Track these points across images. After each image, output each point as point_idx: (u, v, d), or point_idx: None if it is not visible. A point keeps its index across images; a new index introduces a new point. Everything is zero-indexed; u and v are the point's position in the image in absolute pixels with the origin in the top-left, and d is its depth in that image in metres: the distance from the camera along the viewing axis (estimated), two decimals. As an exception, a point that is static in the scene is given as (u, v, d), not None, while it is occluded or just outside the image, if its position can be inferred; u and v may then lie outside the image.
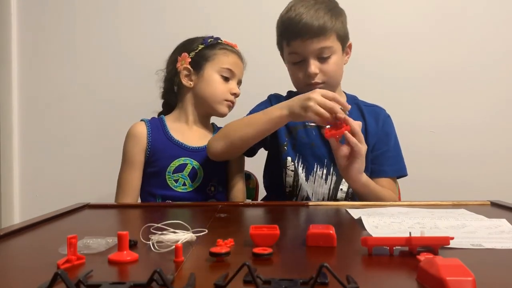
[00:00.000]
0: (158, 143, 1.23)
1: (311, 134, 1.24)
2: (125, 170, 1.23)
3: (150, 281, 0.45)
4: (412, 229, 0.73)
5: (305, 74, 1.19)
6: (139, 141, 1.23)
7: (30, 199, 1.94)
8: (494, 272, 0.53)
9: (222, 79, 1.27)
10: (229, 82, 1.28)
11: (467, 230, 0.73)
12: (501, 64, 1.84)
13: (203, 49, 1.28)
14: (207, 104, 1.28)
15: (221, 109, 1.28)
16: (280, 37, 1.24)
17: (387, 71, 1.83)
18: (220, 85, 1.27)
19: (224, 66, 1.27)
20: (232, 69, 1.28)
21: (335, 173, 1.21)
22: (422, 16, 1.85)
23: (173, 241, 0.62)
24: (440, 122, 1.84)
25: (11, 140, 1.93)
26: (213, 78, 1.27)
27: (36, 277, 0.50)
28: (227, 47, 1.30)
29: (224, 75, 1.27)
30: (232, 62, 1.28)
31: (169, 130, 1.26)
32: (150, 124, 1.27)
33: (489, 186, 1.78)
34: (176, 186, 1.22)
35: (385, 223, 0.78)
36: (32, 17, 1.93)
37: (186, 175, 1.22)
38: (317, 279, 0.44)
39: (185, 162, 1.23)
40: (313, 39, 1.15)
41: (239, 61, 1.31)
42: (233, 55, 1.29)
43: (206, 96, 1.27)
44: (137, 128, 1.25)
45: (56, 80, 1.93)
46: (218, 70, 1.27)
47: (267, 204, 1.08)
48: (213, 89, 1.26)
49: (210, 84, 1.27)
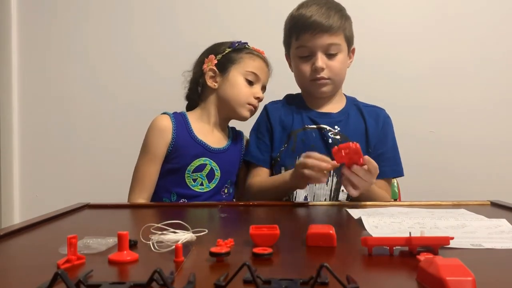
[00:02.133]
0: (182, 140, 1.23)
1: (311, 136, 1.24)
2: (145, 162, 1.22)
3: (150, 281, 0.45)
4: (412, 229, 0.73)
5: (312, 68, 1.22)
6: (164, 135, 1.22)
7: (30, 199, 1.94)
8: (494, 272, 0.53)
9: (246, 83, 1.27)
10: (253, 86, 1.28)
11: (467, 230, 0.73)
12: (501, 64, 1.84)
13: (230, 52, 1.28)
14: (229, 106, 1.27)
15: (243, 112, 1.28)
16: (289, 32, 1.26)
17: (387, 71, 1.83)
18: (244, 88, 1.27)
19: (249, 69, 1.27)
20: (257, 73, 1.27)
21: (336, 174, 1.21)
22: (422, 15, 1.85)
23: (173, 241, 0.62)
24: (440, 122, 1.84)
25: (11, 140, 1.92)
26: (238, 81, 1.26)
27: (36, 277, 0.50)
28: (253, 52, 1.30)
29: (249, 78, 1.27)
30: (257, 66, 1.28)
31: (193, 129, 1.26)
32: (175, 119, 1.25)
33: (489, 186, 1.78)
34: (194, 186, 1.22)
35: (385, 223, 0.78)
36: (32, 17, 1.93)
37: (204, 176, 1.23)
38: (317, 279, 0.44)
39: (205, 162, 1.23)
40: (323, 34, 1.19)
41: (265, 66, 1.31)
42: (259, 60, 1.29)
43: (229, 98, 1.27)
44: (163, 121, 1.24)
45: (56, 80, 1.93)
46: (243, 73, 1.27)
47: (267, 204, 1.08)
48: (236, 92, 1.26)
49: (234, 87, 1.26)
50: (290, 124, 1.27)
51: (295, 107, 1.31)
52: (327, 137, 1.23)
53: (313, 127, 1.25)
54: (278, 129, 1.29)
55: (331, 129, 1.24)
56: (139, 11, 1.91)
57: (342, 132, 1.24)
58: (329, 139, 1.23)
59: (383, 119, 1.29)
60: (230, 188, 1.29)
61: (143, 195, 1.21)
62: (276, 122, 1.29)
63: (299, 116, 1.28)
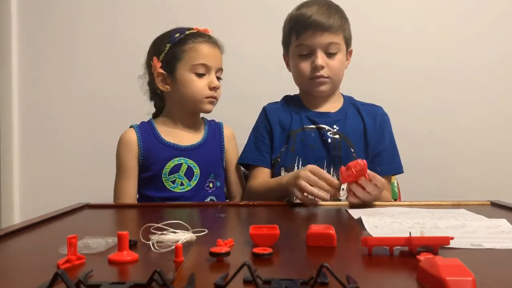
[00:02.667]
0: (150, 147, 1.22)
1: (310, 136, 1.25)
2: (120, 178, 1.22)
3: (150, 281, 0.45)
4: (412, 229, 0.73)
5: (312, 66, 1.22)
6: (131, 148, 1.21)
7: (30, 199, 1.93)
8: (494, 272, 0.53)
9: (197, 77, 1.20)
10: (205, 77, 1.21)
11: (467, 230, 0.73)
12: (501, 64, 1.84)
13: (171, 48, 1.22)
14: (189, 105, 1.24)
15: (204, 108, 1.24)
16: (289, 31, 1.26)
17: (387, 71, 1.83)
18: (195, 84, 1.20)
19: (195, 62, 1.19)
20: (205, 63, 1.20)
21: (335, 174, 1.21)
22: (422, 16, 1.85)
23: (173, 241, 0.62)
24: (440, 122, 1.84)
25: (11, 140, 1.92)
26: (187, 79, 1.20)
27: (36, 277, 0.50)
28: (195, 39, 1.21)
29: (198, 72, 1.20)
30: (204, 54, 1.20)
31: (159, 133, 1.24)
32: (140, 130, 1.24)
33: (489, 186, 1.78)
34: (173, 187, 1.20)
35: (385, 223, 0.78)
36: (32, 17, 1.93)
37: (182, 175, 1.21)
38: (317, 279, 0.44)
39: (180, 162, 1.21)
40: (324, 33, 1.20)
41: (213, 48, 1.22)
42: (203, 45, 1.21)
43: (185, 98, 1.22)
44: (127, 135, 1.23)
45: (56, 80, 1.93)
46: (190, 69, 1.20)
47: (267, 204, 1.08)
48: (190, 90, 1.21)
49: (186, 86, 1.21)
50: (289, 124, 1.27)
51: (293, 107, 1.31)
52: (326, 136, 1.23)
53: (312, 127, 1.25)
54: (277, 130, 1.28)
55: (330, 129, 1.24)
56: (139, 11, 1.91)
57: (340, 131, 1.24)
58: (328, 139, 1.23)
59: (381, 117, 1.30)
60: (216, 182, 1.26)
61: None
62: (276, 123, 1.29)
63: (298, 116, 1.28)
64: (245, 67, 1.79)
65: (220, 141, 1.30)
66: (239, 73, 1.71)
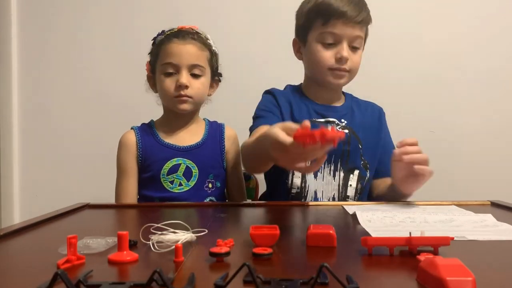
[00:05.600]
0: (148, 148, 1.23)
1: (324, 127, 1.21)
2: (119, 179, 1.23)
3: (150, 281, 0.45)
4: (403, 223, 0.77)
5: (336, 57, 1.17)
6: (130, 149, 1.23)
7: (30, 199, 1.93)
8: (494, 272, 0.53)
9: (165, 76, 1.19)
10: (174, 75, 1.19)
11: (454, 224, 0.76)
12: (501, 64, 1.84)
13: (153, 50, 1.24)
14: (167, 106, 1.24)
15: (176, 107, 1.21)
16: (314, 16, 1.19)
17: (387, 71, 1.83)
18: (163, 84, 1.20)
19: (163, 62, 1.19)
20: (171, 61, 1.18)
21: (342, 168, 1.20)
22: (423, 16, 1.85)
23: (173, 241, 0.62)
24: (440, 122, 1.84)
25: (11, 140, 1.92)
26: (160, 79, 1.21)
27: (36, 277, 0.50)
28: (169, 39, 1.20)
29: (167, 71, 1.19)
30: (170, 53, 1.18)
31: (158, 134, 1.25)
32: (139, 131, 1.25)
33: (489, 186, 1.77)
34: (172, 188, 1.20)
35: (378, 217, 0.82)
36: (32, 17, 1.93)
37: (181, 175, 1.21)
38: (317, 279, 0.44)
39: (178, 162, 1.21)
40: (355, 25, 1.16)
41: (182, 46, 1.18)
42: (172, 45, 1.18)
43: (161, 98, 1.25)
44: (126, 137, 1.25)
45: (56, 80, 1.93)
46: (161, 69, 1.20)
47: (267, 204, 1.08)
48: (162, 91, 1.21)
49: (159, 86, 1.23)
50: (298, 114, 1.22)
51: (298, 98, 1.27)
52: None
53: (320, 121, 1.22)
54: (287, 112, 1.22)
55: (338, 123, 1.22)
56: (140, 10, 1.91)
57: (348, 125, 1.22)
58: None
59: (378, 113, 1.31)
60: (216, 182, 1.25)
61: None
62: (286, 105, 1.23)
63: (305, 108, 1.24)
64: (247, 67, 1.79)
65: (221, 142, 1.29)
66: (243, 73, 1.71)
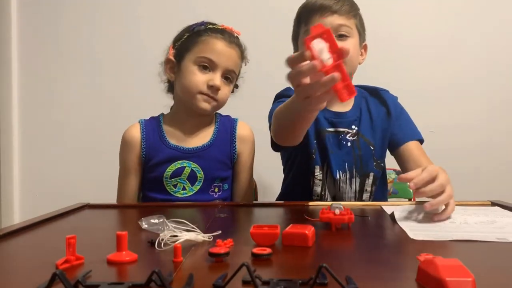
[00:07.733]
0: (153, 147, 1.15)
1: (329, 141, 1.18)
2: (121, 177, 1.19)
3: (148, 282, 0.45)
4: (442, 224, 0.76)
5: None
6: (133, 147, 1.15)
7: (30, 199, 1.94)
8: (494, 272, 0.52)
9: (199, 70, 1.11)
10: (208, 73, 1.12)
11: (496, 226, 0.73)
12: (501, 65, 1.84)
13: (188, 38, 1.15)
14: (185, 98, 1.15)
15: (197, 104, 1.12)
16: (298, 22, 1.19)
17: (387, 70, 1.83)
18: (194, 76, 1.11)
19: (201, 54, 1.11)
20: (212, 58, 1.11)
21: (357, 175, 1.19)
22: (423, 17, 1.85)
23: (189, 240, 0.62)
24: (440, 122, 1.84)
25: (11, 140, 1.93)
26: (189, 69, 1.11)
27: (36, 277, 0.50)
28: (212, 33, 1.13)
29: (202, 64, 1.11)
30: (213, 49, 1.11)
31: (165, 133, 1.17)
32: (145, 127, 1.17)
33: (489, 186, 1.77)
34: (175, 192, 1.15)
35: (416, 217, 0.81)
36: (32, 17, 1.93)
37: (184, 179, 1.14)
38: (316, 279, 0.43)
39: (183, 165, 1.14)
40: (333, 15, 1.13)
41: (227, 47, 1.13)
42: (217, 41, 1.12)
43: (182, 89, 1.14)
44: (130, 133, 1.17)
45: (56, 80, 1.93)
46: (195, 60, 1.11)
47: (267, 204, 1.08)
48: (187, 81, 1.11)
49: (185, 76, 1.12)
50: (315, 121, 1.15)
51: None
52: (346, 140, 1.19)
53: (330, 131, 1.19)
54: None
55: (349, 131, 1.20)
56: (141, 10, 1.91)
57: (358, 131, 1.20)
58: (348, 142, 1.19)
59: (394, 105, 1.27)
60: (223, 185, 1.18)
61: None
62: None
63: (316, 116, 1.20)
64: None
65: (232, 141, 1.19)
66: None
